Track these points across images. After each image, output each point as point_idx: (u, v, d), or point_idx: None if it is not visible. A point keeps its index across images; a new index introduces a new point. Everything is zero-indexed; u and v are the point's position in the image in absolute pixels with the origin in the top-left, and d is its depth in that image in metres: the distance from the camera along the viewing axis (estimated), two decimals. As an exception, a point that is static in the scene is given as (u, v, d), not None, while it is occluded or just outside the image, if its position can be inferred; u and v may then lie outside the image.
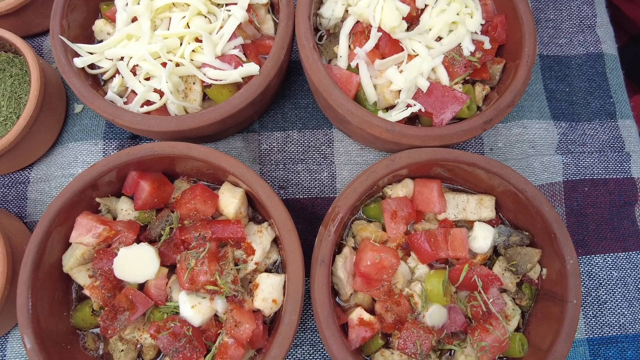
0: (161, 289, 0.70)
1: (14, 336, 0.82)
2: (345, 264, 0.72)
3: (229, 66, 0.77)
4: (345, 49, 0.79)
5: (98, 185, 0.73)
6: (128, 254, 0.68)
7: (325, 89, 0.74)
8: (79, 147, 0.89)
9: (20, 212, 0.88)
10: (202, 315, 0.68)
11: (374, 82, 0.79)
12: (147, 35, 0.76)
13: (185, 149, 0.70)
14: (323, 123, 0.92)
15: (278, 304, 0.71)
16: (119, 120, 0.74)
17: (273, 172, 0.89)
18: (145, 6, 0.77)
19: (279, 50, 0.76)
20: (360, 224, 0.76)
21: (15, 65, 0.86)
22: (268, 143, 0.90)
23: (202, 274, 0.67)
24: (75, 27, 0.83)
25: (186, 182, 0.78)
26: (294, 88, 0.93)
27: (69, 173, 0.88)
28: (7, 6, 0.85)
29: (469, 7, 0.80)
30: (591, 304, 0.86)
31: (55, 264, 0.72)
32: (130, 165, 0.72)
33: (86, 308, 0.72)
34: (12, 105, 0.83)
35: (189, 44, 0.76)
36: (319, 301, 0.67)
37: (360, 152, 0.90)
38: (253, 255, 0.73)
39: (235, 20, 0.77)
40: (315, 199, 0.88)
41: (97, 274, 0.70)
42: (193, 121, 0.73)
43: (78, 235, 0.70)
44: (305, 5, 0.77)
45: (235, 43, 0.78)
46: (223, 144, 0.89)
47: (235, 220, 0.73)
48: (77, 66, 0.78)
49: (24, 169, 0.90)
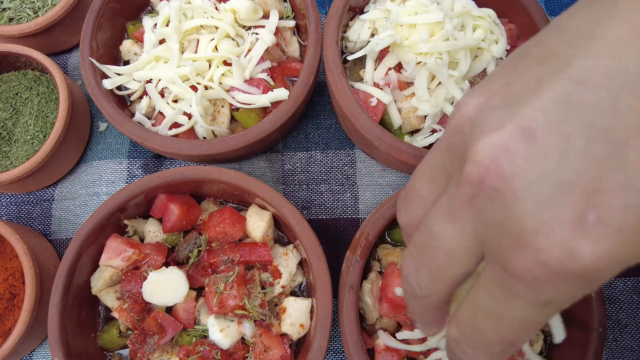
0: (190, 312, 0.70)
1: (39, 354, 0.83)
2: (372, 289, 0.72)
3: (257, 90, 0.77)
4: (371, 74, 0.80)
5: (126, 207, 0.74)
6: (158, 278, 0.69)
7: (352, 114, 0.75)
8: (103, 166, 0.89)
9: (44, 229, 0.88)
10: (231, 339, 0.68)
11: (399, 106, 0.80)
12: (176, 58, 0.77)
13: (216, 173, 0.71)
14: (345, 144, 0.92)
15: (305, 328, 0.71)
16: (149, 143, 0.75)
17: (297, 193, 0.89)
18: (174, 28, 0.78)
19: (307, 75, 0.76)
20: (386, 248, 0.77)
21: (42, 84, 0.87)
22: (291, 163, 0.90)
23: (231, 298, 0.68)
24: (101, 46, 0.84)
25: (213, 204, 0.79)
26: (317, 109, 0.94)
27: (93, 192, 0.88)
28: (36, 26, 0.86)
29: (495, 33, 0.81)
30: (612, 327, 0.87)
31: (83, 286, 0.73)
32: (160, 188, 0.73)
33: (113, 329, 0.73)
34: (39, 124, 0.84)
35: (218, 67, 0.77)
36: (348, 327, 0.67)
37: (383, 173, 0.91)
38: (280, 278, 0.73)
39: (264, 43, 0.78)
40: (337, 220, 0.89)
41: (125, 297, 0.70)
42: (223, 145, 0.73)
43: (108, 259, 0.70)
44: (334, 30, 0.77)
45: (263, 67, 0.79)
46: (247, 164, 0.90)
47: (262, 243, 0.73)
48: (106, 88, 0.79)
49: (49, 187, 0.90)
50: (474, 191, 0.31)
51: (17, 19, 0.91)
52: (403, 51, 0.76)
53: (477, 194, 0.31)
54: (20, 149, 0.83)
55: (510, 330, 0.33)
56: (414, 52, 0.75)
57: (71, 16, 0.90)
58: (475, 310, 0.35)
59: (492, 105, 0.32)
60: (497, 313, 0.33)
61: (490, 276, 0.33)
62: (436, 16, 0.75)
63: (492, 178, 0.30)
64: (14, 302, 0.76)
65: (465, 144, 0.32)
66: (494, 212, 0.30)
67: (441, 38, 0.75)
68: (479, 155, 0.30)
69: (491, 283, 0.33)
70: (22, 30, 0.87)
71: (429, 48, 0.74)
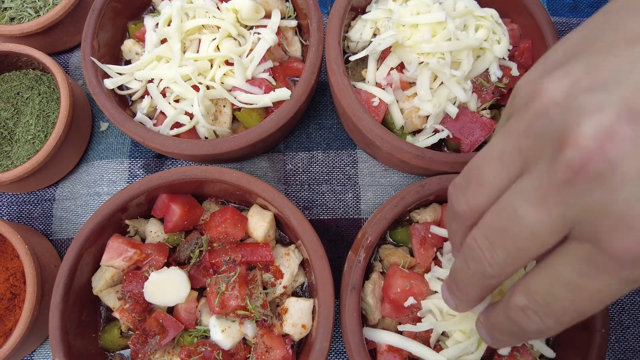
0: (191, 312, 0.70)
1: (40, 355, 0.82)
2: (374, 289, 0.72)
3: (259, 89, 0.77)
4: (373, 74, 0.79)
5: (128, 207, 0.73)
6: (159, 278, 0.68)
7: (355, 114, 0.75)
8: (104, 166, 0.89)
9: (45, 229, 0.88)
10: (233, 340, 0.68)
11: (401, 106, 0.80)
12: (177, 58, 0.76)
13: (217, 173, 0.70)
14: (347, 144, 0.92)
15: (307, 329, 0.71)
16: (150, 142, 0.74)
17: (298, 193, 0.89)
18: (175, 28, 0.77)
19: (309, 75, 0.76)
20: (388, 249, 0.76)
21: (43, 83, 0.87)
22: (293, 163, 0.90)
23: (233, 298, 0.68)
24: (102, 46, 0.84)
25: (215, 204, 0.78)
26: (319, 108, 0.94)
27: (94, 191, 0.88)
28: (37, 25, 0.86)
29: (497, 33, 0.81)
30: (614, 328, 0.86)
31: (84, 286, 0.72)
32: (161, 188, 0.72)
33: (114, 330, 0.73)
34: (40, 124, 0.84)
35: (220, 67, 0.77)
36: (350, 328, 0.67)
37: (385, 173, 0.91)
38: (281, 278, 0.73)
39: (266, 43, 0.78)
40: (339, 220, 0.88)
41: (126, 297, 0.70)
42: (225, 145, 0.73)
43: (109, 259, 0.70)
44: (336, 30, 0.77)
45: (265, 66, 0.79)
46: (248, 164, 0.90)
47: (264, 243, 0.73)
48: (108, 87, 0.79)
49: (50, 187, 0.90)
50: (572, 175, 0.31)
51: (18, 19, 0.91)
52: (405, 51, 0.76)
53: (576, 178, 0.31)
54: (21, 148, 0.83)
55: (588, 301, 0.36)
56: (416, 52, 0.75)
57: (72, 16, 0.90)
58: (553, 281, 0.37)
59: (583, 88, 0.32)
60: (578, 286, 0.35)
61: (578, 253, 0.34)
62: (438, 16, 0.75)
63: (597, 162, 0.30)
64: (15, 302, 0.76)
65: (559, 128, 0.32)
66: (595, 196, 0.31)
67: (443, 38, 0.75)
68: (582, 139, 0.30)
69: (578, 259, 0.34)
70: (23, 29, 0.86)
71: (431, 48, 0.74)
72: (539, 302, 0.38)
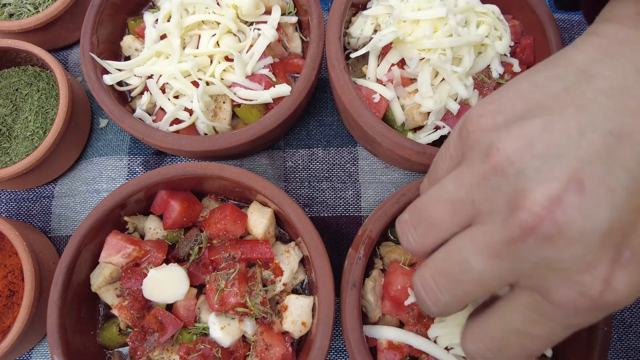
0: (190, 309, 0.69)
1: (38, 352, 0.82)
2: (375, 287, 0.72)
3: (259, 86, 0.77)
4: (374, 70, 0.79)
5: (126, 204, 0.73)
6: (158, 275, 0.68)
7: (355, 111, 0.74)
8: (103, 162, 0.89)
9: (44, 226, 0.88)
10: (232, 337, 0.68)
11: (402, 103, 0.79)
12: (177, 54, 0.76)
13: (217, 169, 0.70)
14: (347, 141, 0.92)
15: (307, 326, 0.70)
16: (149, 139, 0.74)
17: (298, 190, 0.88)
18: (175, 24, 0.77)
19: (309, 72, 0.76)
20: (389, 246, 0.76)
21: (42, 80, 0.86)
22: (293, 160, 0.90)
23: (232, 295, 0.67)
24: (102, 42, 0.83)
25: (214, 200, 0.78)
26: (319, 105, 0.93)
27: (93, 188, 0.88)
28: (36, 21, 0.85)
29: (498, 29, 0.80)
30: (616, 327, 0.86)
31: (83, 283, 0.72)
32: (160, 184, 0.72)
33: (113, 327, 0.72)
34: (39, 120, 0.83)
35: (220, 63, 0.76)
36: (350, 325, 0.67)
37: (385, 170, 0.90)
38: (281, 276, 0.73)
39: (266, 39, 0.77)
40: (339, 217, 0.88)
41: (125, 294, 0.69)
42: (225, 141, 0.72)
43: (107, 255, 0.70)
44: (336, 26, 0.77)
45: (265, 62, 0.78)
46: (248, 161, 0.89)
47: (264, 240, 0.73)
48: (107, 83, 0.78)
49: (49, 184, 0.90)
50: (524, 234, 0.34)
51: (17, 15, 0.91)
52: (406, 47, 0.75)
53: (527, 236, 0.34)
54: (20, 145, 0.82)
55: (535, 345, 0.39)
56: (417, 48, 0.75)
57: (72, 12, 0.90)
58: (504, 329, 0.40)
59: (537, 152, 0.35)
60: (527, 332, 0.39)
61: (526, 302, 0.38)
62: (439, 12, 0.74)
63: (547, 226, 0.33)
64: (13, 299, 0.76)
65: (513, 190, 0.35)
66: (543, 253, 0.35)
67: (444, 34, 0.74)
68: (535, 205, 0.34)
69: (525, 307, 0.38)
70: (22, 25, 0.86)
71: (432, 44, 0.73)
72: (492, 349, 0.41)
